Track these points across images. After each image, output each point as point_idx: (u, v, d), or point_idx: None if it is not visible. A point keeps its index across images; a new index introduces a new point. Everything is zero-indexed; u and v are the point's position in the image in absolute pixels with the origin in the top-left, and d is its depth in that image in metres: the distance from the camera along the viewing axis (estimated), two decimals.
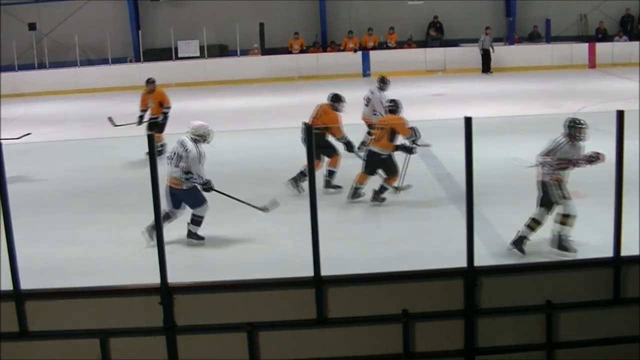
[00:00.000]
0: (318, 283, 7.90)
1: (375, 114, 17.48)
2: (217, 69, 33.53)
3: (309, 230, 7.85)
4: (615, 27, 37.33)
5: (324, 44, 36.09)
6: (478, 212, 12.37)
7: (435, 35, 36.49)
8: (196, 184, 12.01)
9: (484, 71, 34.18)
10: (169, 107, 18.90)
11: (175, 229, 11.98)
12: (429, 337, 8.08)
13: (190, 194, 12.12)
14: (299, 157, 11.56)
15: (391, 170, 14.16)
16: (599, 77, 31.46)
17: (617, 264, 8.19)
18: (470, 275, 7.94)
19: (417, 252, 11.32)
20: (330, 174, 15.15)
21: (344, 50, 35.13)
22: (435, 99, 26.85)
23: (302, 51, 35.23)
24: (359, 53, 34.52)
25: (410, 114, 20.64)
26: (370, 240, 12.26)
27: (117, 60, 34.48)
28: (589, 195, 13.72)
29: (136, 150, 17.09)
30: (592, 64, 35.08)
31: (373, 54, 34.59)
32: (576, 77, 31.86)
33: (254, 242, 12.28)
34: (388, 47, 35.56)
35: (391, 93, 18.08)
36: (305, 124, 13.26)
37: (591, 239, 10.60)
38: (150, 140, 7.74)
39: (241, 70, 33.59)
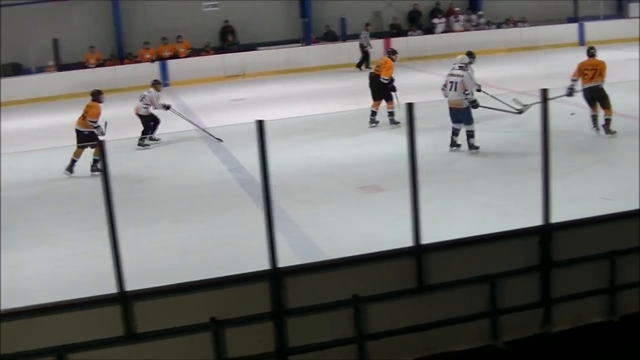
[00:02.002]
0: (123, 299, 7.77)
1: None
2: (12, 89, 32.49)
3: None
4: (408, 23, 38.42)
5: (121, 56, 35.53)
6: (283, 213, 12.58)
7: (231, 40, 36.45)
8: (471, 102, 16.81)
9: (359, 67, 34.49)
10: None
11: None
12: (240, 342, 8.01)
13: (466, 112, 16.87)
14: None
15: (606, 101, 17.67)
16: (396, 72, 32.06)
17: (418, 252, 8.37)
18: (275, 277, 7.96)
19: (231, 258, 11.32)
20: (391, 114, 20.56)
21: (141, 61, 34.71)
22: (236, 104, 26.84)
23: (99, 65, 34.57)
24: (157, 63, 34.15)
25: (212, 121, 20.79)
26: (182, 250, 12.15)
27: None
28: (390, 189, 14.04)
29: None
30: None
31: (171, 63, 34.26)
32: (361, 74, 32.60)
33: (65, 262, 12.00)
34: (186, 55, 35.34)
35: (190, 101, 18.28)
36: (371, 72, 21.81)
37: (395, 230, 10.82)
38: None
39: (38, 88, 32.62)
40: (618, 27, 38.26)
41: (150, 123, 20.81)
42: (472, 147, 16.92)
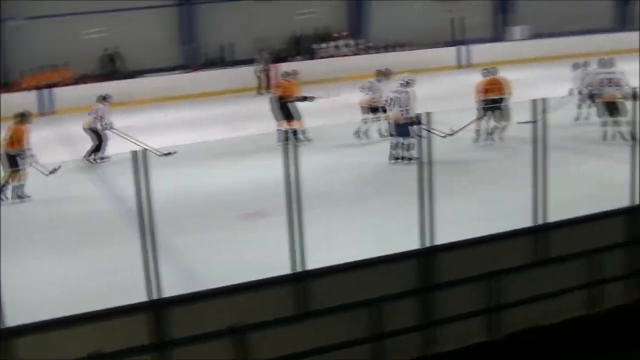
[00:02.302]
0: None
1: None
2: None
3: None
4: (290, 49, 38.53)
5: (1, 84, 34.67)
6: (165, 242, 12.38)
7: (115, 67, 36.02)
8: (408, 118, 17.43)
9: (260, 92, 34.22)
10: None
11: None
12: None
13: (405, 126, 17.62)
14: None
15: (507, 113, 19.15)
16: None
17: (301, 278, 8.37)
18: (157, 307, 7.85)
19: (112, 290, 11.09)
20: (296, 133, 20.04)
21: (22, 89, 33.89)
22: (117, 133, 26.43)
23: None
24: (39, 92, 33.40)
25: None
26: (62, 283, 11.87)
27: None
28: (275, 214, 13.96)
29: None
30: (269, 86, 35.75)
31: (55, 91, 33.56)
32: (258, 99, 32.60)
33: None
34: (71, 83, 34.68)
35: (76, 129, 18.09)
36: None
37: (279, 256, 10.76)
38: None
39: None
40: (498, 49, 39.04)
41: (100, 138, 21.03)
42: (410, 158, 17.46)
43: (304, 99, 21.61)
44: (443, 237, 9.22)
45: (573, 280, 10.03)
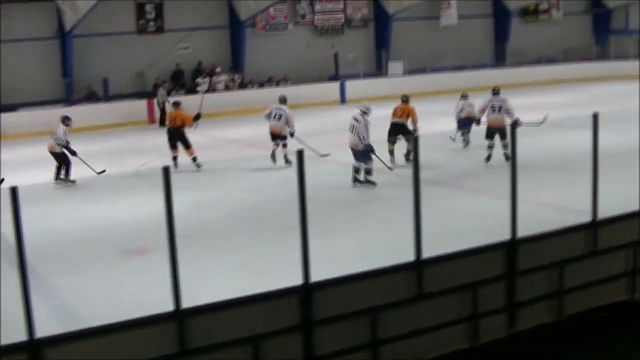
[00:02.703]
0: None
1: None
2: None
3: None
4: (171, 83, 38.40)
5: None
6: (43, 280, 12.15)
7: None
8: (365, 145, 18.51)
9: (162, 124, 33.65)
10: None
11: None
12: None
13: (363, 153, 18.69)
14: None
15: (410, 136, 20.81)
16: (159, 132, 31.96)
17: (179, 316, 8.26)
18: (33, 348, 7.64)
19: None
20: (195, 159, 22.53)
21: None
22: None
23: None
24: None
25: None
26: None
27: None
28: (155, 250, 13.82)
29: None
30: (152, 120, 35.68)
31: None
32: (137, 133, 32.37)
33: None
34: None
35: None
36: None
37: (157, 294, 10.59)
38: None
39: None
40: (378, 85, 39.65)
41: (64, 159, 21.24)
42: (369, 182, 18.77)
43: (197, 117, 23.17)
44: (323, 273, 9.20)
45: (454, 314, 10.12)
